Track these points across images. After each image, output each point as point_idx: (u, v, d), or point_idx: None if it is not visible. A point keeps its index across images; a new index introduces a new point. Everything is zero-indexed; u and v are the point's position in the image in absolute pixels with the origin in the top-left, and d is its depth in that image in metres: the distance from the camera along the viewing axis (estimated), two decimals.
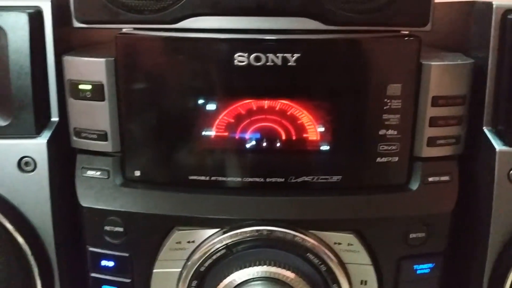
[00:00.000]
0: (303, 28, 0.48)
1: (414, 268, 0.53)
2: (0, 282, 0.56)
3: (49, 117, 0.54)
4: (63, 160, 0.55)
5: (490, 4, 0.51)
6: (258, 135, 0.51)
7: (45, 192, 0.53)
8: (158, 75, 0.51)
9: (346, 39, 0.50)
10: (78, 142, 0.53)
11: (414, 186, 0.53)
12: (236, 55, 0.48)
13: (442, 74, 0.50)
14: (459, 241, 0.57)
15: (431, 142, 0.52)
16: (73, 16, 0.50)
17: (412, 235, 0.53)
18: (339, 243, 0.52)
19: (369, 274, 0.53)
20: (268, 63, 0.48)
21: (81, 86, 0.51)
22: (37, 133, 0.53)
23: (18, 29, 0.50)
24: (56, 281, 0.56)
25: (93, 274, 0.55)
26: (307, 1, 0.48)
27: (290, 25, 0.48)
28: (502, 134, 0.52)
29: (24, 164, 0.53)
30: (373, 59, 0.50)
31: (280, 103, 0.50)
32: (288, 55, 0.47)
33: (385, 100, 0.50)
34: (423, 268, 0.54)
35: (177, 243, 0.52)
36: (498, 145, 0.51)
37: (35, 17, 0.51)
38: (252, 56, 0.48)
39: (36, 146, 0.52)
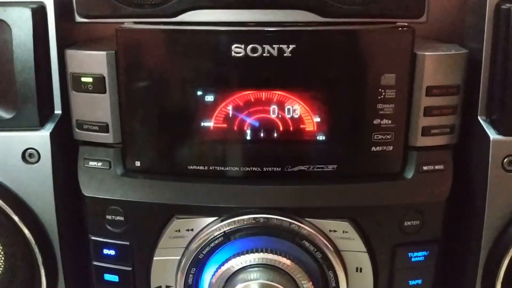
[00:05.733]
0: (300, 20, 0.49)
1: (409, 256, 0.54)
2: (6, 272, 0.57)
3: (52, 110, 0.55)
4: (66, 151, 0.56)
5: None
6: (255, 126, 0.53)
7: (49, 182, 0.55)
8: (157, 67, 0.52)
9: (340, 31, 0.51)
10: (80, 134, 0.54)
11: (409, 174, 0.54)
12: (233, 47, 0.49)
13: (436, 64, 0.51)
14: (454, 229, 0.58)
15: (426, 131, 0.53)
16: (75, 11, 0.52)
17: (406, 223, 0.53)
18: (335, 231, 0.53)
19: (364, 261, 0.54)
20: (264, 54, 0.49)
21: (83, 79, 0.52)
22: (40, 125, 0.54)
23: (22, 24, 0.52)
24: (59, 270, 0.57)
25: (95, 263, 0.56)
26: None
27: (287, 18, 0.49)
28: (496, 123, 0.53)
29: (28, 156, 0.54)
30: (367, 50, 0.51)
31: (277, 94, 0.50)
32: (284, 46, 0.48)
33: (380, 90, 0.51)
34: (417, 255, 0.54)
35: (176, 231, 0.53)
36: (492, 134, 0.52)
37: (39, 12, 0.52)
38: (249, 47, 0.49)
39: (40, 138, 0.53)
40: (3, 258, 0.56)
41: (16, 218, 0.53)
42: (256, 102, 0.51)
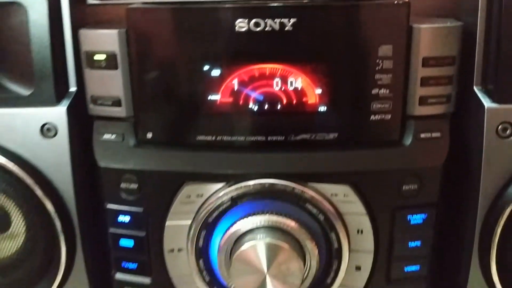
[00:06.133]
0: None
1: (408, 219, 0.56)
2: (27, 241, 0.59)
3: (68, 87, 0.57)
4: (81, 126, 0.58)
5: None
6: (260, 98, 0.54)
7: (66, 155, 0.57)
8: (165, 44, 0.53)
9: (339, 5, 0.52)
10: (95, 109, 0.56)
11: (407, 142, 0.56)
12: (237, 22, 0.50)
13: (432, 36, 0.53)
14: (452, 194, 0.60)
15: (423, 101, 0.55)
16: None
17: (405, 187, 0.55)
18: (336, 195, 0.55)
19: (365, 223, 0.56)
20: (266, 28, 0.50)
21: (96, 56, 0.54)
22: (57, 101, 0.56)
23: (37, 6, 0.54)
24: (77, 237, 0.60)
25: (111, 230, 0.58)
26: None
27: None
28: (491, 92, 0.55)
29: (46, 130, 0.56)
30: (365, 23, 0.53)
31: (280, 67, 0.53)
32: (285, 20, 0.50)
33: (377, 60, 0.52)
34: (416, 218, 0.56)
35: (187, 197, 0.55)
36: (487, 103, 0.54)
37: None
38: (252, 22, 0.50)
39: (57, 114, 0.56)
40: (24, 228, 0.59)
41: (36, 189, 0.56)
42: (260, 75, 0.53)
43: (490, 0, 0.53)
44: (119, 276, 0.60)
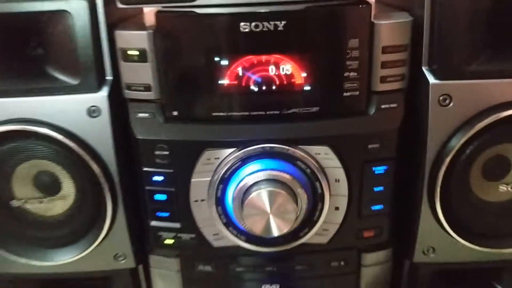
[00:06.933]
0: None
1: (373, 169, 0.64)
2: (77, 200, 0.66)
3: (105, 76, 0.63)
4: (118, 107, 0.64)
5: None
6: (259, 80, 0.61)
7: (108, 130, 0.63)
8: (186, 41, 0.60)
9: (317, 7, 0.59)
10: (129, 94, 0.63)
11: (371, 111, 0.63)
12: (241, 24, 0.58)
13: (389, 29, 0.61)
14: (407, 152, 0.67)
15: (383, 80, 0.62)
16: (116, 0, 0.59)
17: (370, 146, 0.63)
18: (319, 154, 0.63)
19: (341, 174, 0.64)
20: (264, 29, 0.58)
21: (129, 52, 0.61)
22: (98, 88, 0.62)
23: (80, 12, 0.60)
24: (119, 196, 0.66)
25: (147, 187, 0.65)
26: None
27: None
28: (435, 71, 0.62)
29: (92, 111, 0.62)
30: (337, 21, 0.60)
31: (274, 57, 0.60)
32: (277, 22, 0.58)
33: (348, 51, 0.60)
34: (379, 169, 0.64)
35: (207, 159, 0.63)
36: (431, 80, 0.62)
37: (91, 2, 0.60)
38: (253, 24, 0.58)
39: (99, 98, 0.62)
40: (74, 190, 0.65)
41: (86, 157, 0.63)
42: (259, 63, 0.60)
43: None
44: (154, 223, 0.67)
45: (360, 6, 0.59)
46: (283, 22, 0.58)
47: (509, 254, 0.69)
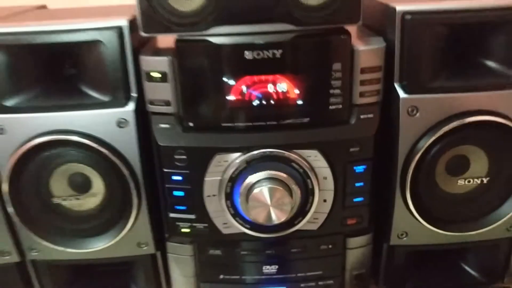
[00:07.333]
0: (283, 29, 0.63)
1: (354, 168, 0.69)
2: (106, 197, 0.72)
3: (131, 93, 0.69)
4: (143, 119, 0.70)
5: (395, 8, 0.66)
6: (260, 96, 0.66)
7: (134, 138, 0.70)
8: (200, 65, 0.64)
9: (306, 38, 0.63)
10: (152, 108, 0.68)
11: (352, 121, 0.68)
12: (245, 52, 0.63)
13: (367, 54, 0.66)
14: (383, 152, 0.72)
15: (362, 95, 0.68)
16: (140, 29, 0.64)
17: (351, 149, 0.68)
18: (309, 156, 0.68)
19: (328, 173, 0.69)
20: (264, 56, 0.63)
21: (152, 74, 0.66)
22: (126, 104, 0.68)
23: (111, 40, 0.66)
24: (142, 193, 0.72)
25: (167, 185, 0.70)
26: (285, 13, 0.62)
27: (277, 28, 0.63)
28: (404, 87, 0.68)
29: (120, 123, 0.69)
30: (323, 48, 0.65)
31: (272, 77, 0.65)
32: (275, 51, 0.63)
33: (332, 72, 0.65)
34: (359, 168, 0.70)
35: (218, 162, 0.67)
36: (401, 94, 0.68)
37: (119, 32, 0.66)
38: (255, 52, 0.63)
39: (126, 112, 0.68)
40: (104, 188, 0.72)
41: (117, 161, 0.69)
42: (259, 82, 0.65)
43: (402, 26, 0.66)
44: (173, 215, 0.72)
45: (342, 36, 0.65)
46: (279, 51, 0.63)
47: (469, 237, 0.74)
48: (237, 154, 0.68)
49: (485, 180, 0.72)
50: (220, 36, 0.63)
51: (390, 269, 0.81)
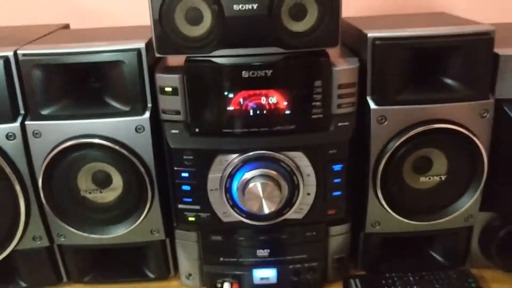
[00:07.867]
0: (274, 51, 0.70)
1: (333, 167, 0.76)
2: (124, 191, 0.80)
3: (147, 104, 0.76)
4: (156, 125, 0.76)
5: (367, 34, 0.74)
6: (254, 107, 0.72)
7: (149, 142, 0.77)
8: (205, 82, 0.71)
9: (292, 60, 0.70)
10: (164, 116, 0.75)
11: (331, 128, 0.75)
12: (243, 72, 0.70)
13: (343, 73, 0.73)
14: (357, 154, 0.79)
15: (339, 106, 0.75)
16: (155, 50, 0.71)
17: (330, 151, 0.75)
18: (295, 157, 0.74)
19: (311, 171, 0.75)
20: (258, 75, 0.70)
21: (165, 89, 0.73)
22: (143, 113, 0.75)
23: (131, 60, 0.73)
24: (155, 187, 0.79)
25: (177, 181, 0.77)
26: (275, 38, 0.69)
27: (269, 50, 0.70)
28: (374, 100, 0.76)
29: (138, 129, 0.76)
30: (306, 69, 0.72)
31: (265, 92, 0.72)
32: (267, 71, 0.70)
33: (314, 88, 0.72)
34: (337, 167, 0.77)
35: (219, 161, 0.74)
36: (372, 105, 0.75)
37: (139, 53, 0.74)
38: (250, 72, 0.70)
39: (143, 119, 0.75)
40: (122, 183, 0.79)
41: (135, 160, 0.76)
42: (254, 95, 0.72)
43: (373, 49, 0.73)
44: (181, 206, 0.79)
45: (322, 58, 0.73)
46: (270, 71, 0.71)
47: (433, 226, 0.80)
48: (235, 155, 0.75)
49: (443, 178, 0.78)
50: (222, 57, 0.70)
51: (366, 254, 0.87)
